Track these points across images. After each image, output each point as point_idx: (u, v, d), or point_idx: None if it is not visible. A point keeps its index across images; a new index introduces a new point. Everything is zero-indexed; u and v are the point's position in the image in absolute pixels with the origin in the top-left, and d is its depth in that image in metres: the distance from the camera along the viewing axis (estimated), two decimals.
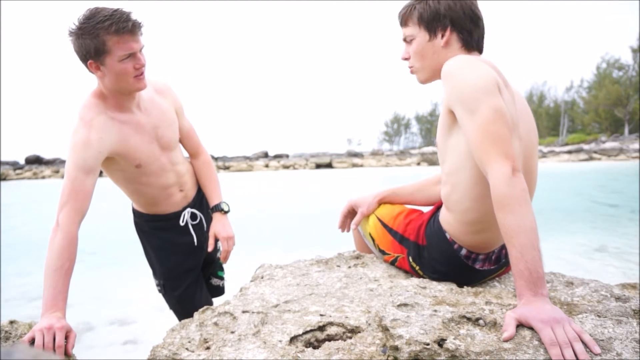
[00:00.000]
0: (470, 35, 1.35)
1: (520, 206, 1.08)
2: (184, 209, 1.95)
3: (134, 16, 1.52)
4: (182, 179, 1.92)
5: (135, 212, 2.00)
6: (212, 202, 1.97)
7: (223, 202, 1.96)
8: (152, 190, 1.83)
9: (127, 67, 1.54)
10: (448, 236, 1.41)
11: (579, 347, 0.94)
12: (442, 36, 1.35)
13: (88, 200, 1.53)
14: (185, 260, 1.98)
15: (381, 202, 1.73)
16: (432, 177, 1.73)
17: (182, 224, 1.93)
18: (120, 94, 1.63)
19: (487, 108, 1.16)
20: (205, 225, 2.01)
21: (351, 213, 1.80)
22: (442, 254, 1.42)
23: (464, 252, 1.39)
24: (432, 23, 1.35)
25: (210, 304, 2.03)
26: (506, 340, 0.99)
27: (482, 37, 1.38)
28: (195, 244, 1.97)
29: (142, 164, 1.73)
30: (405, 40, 1.43)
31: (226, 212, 1.96)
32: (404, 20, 1.41)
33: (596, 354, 0.95)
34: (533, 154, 1.36)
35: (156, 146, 1.76)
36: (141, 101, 1.72)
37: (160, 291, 2.04)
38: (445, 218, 1.42)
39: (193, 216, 1.97)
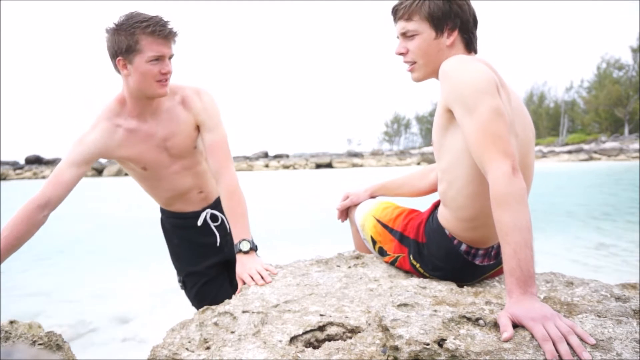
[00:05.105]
0: (474, 38, 1.38)
1: (518, 204, 1.09)
2: (204, 209, 1.96)
3: (171, 25, 1.58)
4: (201, 180, 1.91)
5: (160, 208, 2.05)
6: (235, 239, 1.69)
7: (244, 241, 1.65)
8: (165, 192, 1.89)
9: (152, 70, 1.57)
10: (447, 232, 1.42)
11: (574, 340, 0.95)
12: (449, 36, 1.35)
13: (61, 189, 1.58)
14: (202, 258, 1.99)
15: (371, 195, 1.86)
16: (417, 172, 1.84)
17: (199, 224, 1.94)
18: (140, 99, 1.66)
19: (486, 107, 1.16)
20: (228, 226, 1.92)
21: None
22: (442, 250, 1.43)
23: (463, 247, 1.40)
24: (441, 21, 1.33)
25: None
26: (507, 341, 0.99)
27: (477, 40, 1.42)
28: (218, 244, 1.97)
29: (148, 167, 1.77)
30: (404, 35, 1.38)
31: (246, 252, 1.65)
32: (408, 14, 1.36)
33: (591, 344, 0.96)
34: (529, 151, 1.37)
35: (165, 155, 1.78)
36: (158, 110, 1.73)
37: (181, 287, 2.08)
38: (443, 215, 1.43)
39: (214, 217, 1.97)
